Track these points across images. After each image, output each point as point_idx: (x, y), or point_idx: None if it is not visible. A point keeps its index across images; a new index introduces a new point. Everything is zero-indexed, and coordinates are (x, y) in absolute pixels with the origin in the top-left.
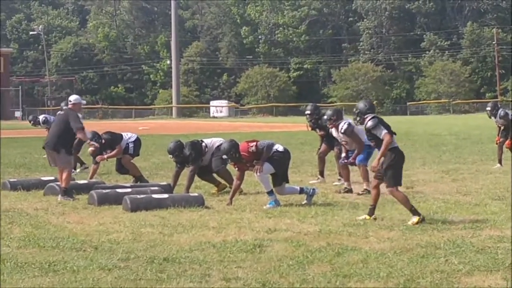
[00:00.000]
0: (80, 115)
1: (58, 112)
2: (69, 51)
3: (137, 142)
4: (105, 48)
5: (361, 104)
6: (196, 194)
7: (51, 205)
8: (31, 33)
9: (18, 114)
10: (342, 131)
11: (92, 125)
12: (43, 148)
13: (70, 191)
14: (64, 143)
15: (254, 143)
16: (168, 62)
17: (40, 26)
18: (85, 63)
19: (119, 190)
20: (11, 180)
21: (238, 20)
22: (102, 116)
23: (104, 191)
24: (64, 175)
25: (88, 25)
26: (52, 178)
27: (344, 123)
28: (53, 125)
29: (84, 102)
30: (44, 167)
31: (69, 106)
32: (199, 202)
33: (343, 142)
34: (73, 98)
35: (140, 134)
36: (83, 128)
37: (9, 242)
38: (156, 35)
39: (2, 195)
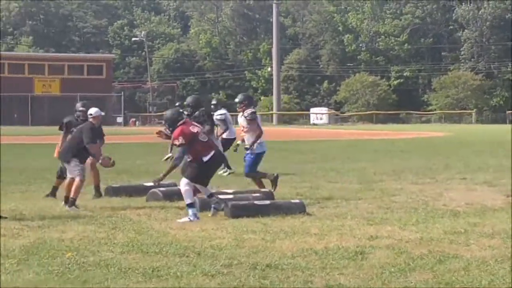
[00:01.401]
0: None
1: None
2: (171, 57)
3: None
4: (207, 54)
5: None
6: (297, 201)
7: (153, 211)
8: (133, 39)
9: (119, 119)
10: (246, 114)
11: None
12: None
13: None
14: (77, 153)
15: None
16: (269, 69)
17: (143, 32)
18: (186, 70)
19: (221, 197)
20: (114, 185)
21: (340, 28)
22: None
23: (205, 197)
24: (74, 185)
25: (190, 31)
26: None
27: (251, 110)
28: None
29: (103, 114)
30: (147, 173)
31: (90, 119)
32: (301, 209)
33: (243, 128)
34: (93, 111)
35: (240, 141)
36: (94, 143)
37: (113, 247)
38: (258, 42)
39: (106, 201)
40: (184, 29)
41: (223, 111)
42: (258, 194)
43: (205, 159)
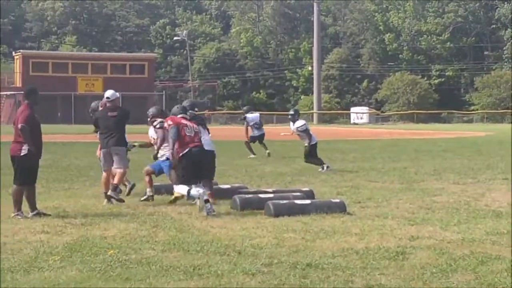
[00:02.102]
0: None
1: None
2: (211, 56)
3: None
4: (248, 53)
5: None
6: (338, 200)
7: (194, 209)
8: (175, 38)
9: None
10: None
11: (233, 130)
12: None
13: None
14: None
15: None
16: (310, 68)
17: (185, 31)
18: (227, 69)
19: (261, 196)
20: (155, 184)
21: (381, 27)
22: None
23: (246, 196)
24: (120, 175)
25: (231, 30)
26: None
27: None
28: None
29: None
30: None
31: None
32: (341, 208)
33: (153, 140)
34: (109, 93)
35: (282, 139)
36: None
37: (154, 245)
38: (298, 42)
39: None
40: (225, 29)
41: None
42: (298, 193)
43: (181, 154)
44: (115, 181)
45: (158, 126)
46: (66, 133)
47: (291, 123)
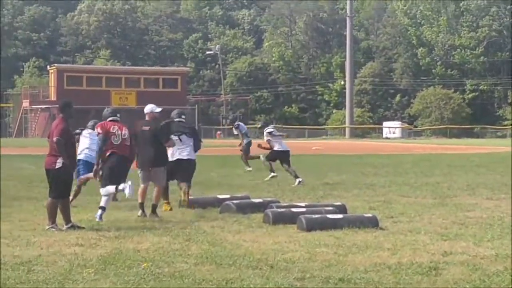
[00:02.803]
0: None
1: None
2: (244, 70)
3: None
4: (280, 68)
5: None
6: (370, 215)
7: (227, 223)
8: (207, 52)
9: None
10: None
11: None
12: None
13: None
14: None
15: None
16: (342, 82)
17: (217, 46)
18: (259, 83)
19: (293, 210)
20: (191, 198)
21: (414, 41)
22: None
23: (279, 210)
24: (157, 192)
25: (264, 45)
26: (228, 196)
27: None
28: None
29: (158, 110)
30: (219, 185)
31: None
32: (374, 223)
33: None
34: (147, 108)
35: (313, 154)
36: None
37: (187, 258)
38: (330, 56)
39: (180, 213)
40: (258, 43)
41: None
42: (331, 208)
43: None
44: (155, 201)
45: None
46: None
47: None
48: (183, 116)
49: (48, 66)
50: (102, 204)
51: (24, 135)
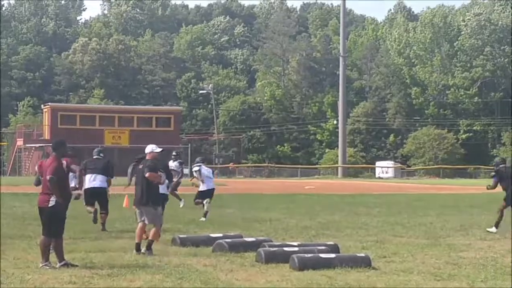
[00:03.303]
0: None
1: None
2: (237, 109)
3: None
4: (272, 107)
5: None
6: (363, 255)
7: (219, 261)
8: (200, 91)
9: (186, 171)
10: None
11: (258, 183)
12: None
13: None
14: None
15: None
16: (335, 122)
17: (210, 85)
18: (252, 122)
19: (286, 249)
20: (181, 236)
21: (407, 81)
22: (269, 174)
23: (271, 249)
24: (155, 231)
25: (256, 84)
26: (221, 235)
27: None
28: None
29: (158, 150)
30: (211, 223)
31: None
32: (367, 263)
33: None
34: (148, 149)
35: (306, 193)
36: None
37: None
38: (323, 95)
39: (172, 251)
40: (251, 82)
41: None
42: (323, 247)
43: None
44: (151, 237)
45: None
46: None
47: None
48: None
49: (42, 105)
50: None
51: (18, 174)
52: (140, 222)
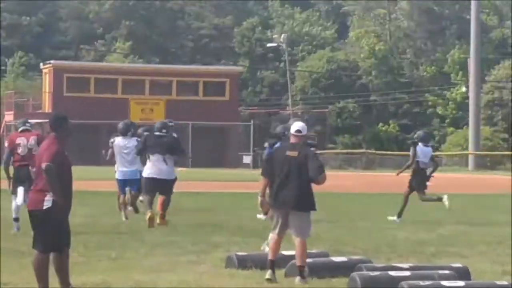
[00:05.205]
0: None
1: None
2: (321, 71)
3: None
4: (372, 67)
5: None
6: (505, 283)
7: None
8: (269, 45)
9: (247, 159)
10: None
11: (351, 177)
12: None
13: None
14: None
15: None
16: (464, 89)
17: (282, 35)
18: (343, 89)
19: (392, 273)
20: (242, 254)
21: None
22: (366, 165)
23: (371, 273)
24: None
25: (350, 34)
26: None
27: None
28: None
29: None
30: None
31: None
32: None
33: None
34: None
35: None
36: None
37: None
38: (446, 50)
39: (228, 274)
40: (341, 31)
41: None
42: (447, 272)
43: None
44: (299, 262)
45: None
46: (113, 179)
47: None
48: (163, 131)
49: (41, 64)
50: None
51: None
52: (276, 235)
